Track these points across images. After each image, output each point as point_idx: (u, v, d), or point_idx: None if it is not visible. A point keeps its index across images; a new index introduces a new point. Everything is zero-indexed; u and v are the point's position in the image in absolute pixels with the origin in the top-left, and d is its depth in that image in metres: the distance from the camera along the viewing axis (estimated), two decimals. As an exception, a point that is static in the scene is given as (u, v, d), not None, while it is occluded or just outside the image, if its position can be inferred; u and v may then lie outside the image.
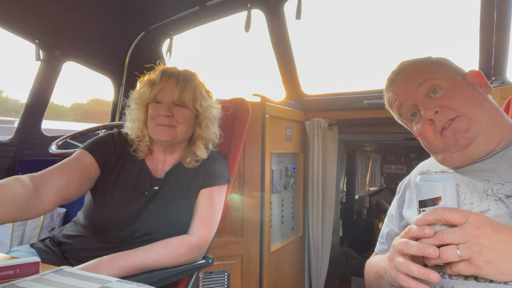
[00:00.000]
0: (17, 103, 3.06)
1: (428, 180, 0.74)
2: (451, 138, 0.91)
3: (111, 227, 1.27)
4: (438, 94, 0.93)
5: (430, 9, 3.56)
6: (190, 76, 1.39)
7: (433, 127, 0.94)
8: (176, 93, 1.33)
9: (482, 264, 0.66)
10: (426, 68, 0.99)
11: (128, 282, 0.69)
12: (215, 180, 1.38)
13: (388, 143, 4.28)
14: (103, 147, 1.37)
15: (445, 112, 0.91)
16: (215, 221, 1.34)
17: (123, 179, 1.35)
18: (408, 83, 0.98)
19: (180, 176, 1.38)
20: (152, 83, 1.36)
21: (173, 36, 2.67)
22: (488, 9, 1.82)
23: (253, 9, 2.35)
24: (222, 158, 1.49)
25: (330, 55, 4.95)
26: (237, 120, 1.66)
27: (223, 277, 1.90)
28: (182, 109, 1.35)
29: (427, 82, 0.95)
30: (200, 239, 1.26)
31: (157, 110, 1.34)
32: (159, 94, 1.34)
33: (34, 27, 2.12)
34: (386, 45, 5.80)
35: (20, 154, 2.30)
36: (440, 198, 0.72)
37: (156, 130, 1.34)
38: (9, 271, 0.68)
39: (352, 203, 3.75)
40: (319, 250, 2.42)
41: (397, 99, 1.01)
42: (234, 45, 4.94)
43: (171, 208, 1.31)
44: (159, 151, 1.42)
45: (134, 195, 1.32)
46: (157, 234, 1.25)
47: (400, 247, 0.75)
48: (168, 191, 1.34)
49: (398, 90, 1.01)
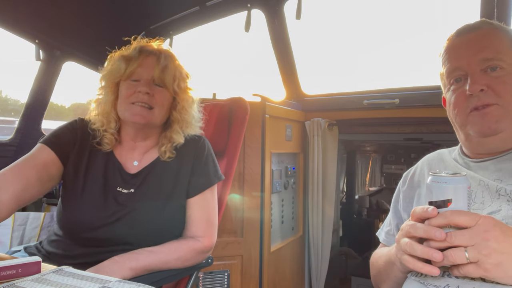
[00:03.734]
0: (17, 103, 3.06)
1: (440, 181, 0.73)
2: (476, 121, 0.89)
3: (84, 230, 1.15)
4: (496, 74, 0.89)
5: (430, 9, 3.56)
6: (171, 56, 1.28)
7: (468, 102, 0.90)
8: (157, 71, 1.21)
9: (490, 267, 0.66)
10: (501, 45, 0.91)
11: (128, 282, 0.69)
12: (207, 181, 1.28)
13: (388, 143, 4.28)
14: (63, 138, 1.22)
15: (489, 94, 0.88)
16: (216, 222, 1.31)
17: (91, 174, 1.20)
18: (475, 52, 0.90)
19: (160, 172, 1.25)
20: (128, 59, 1.22)
21: (173, 36, 2.66)
22: (488, 9, 1.82)
23: (253, 9, 2.35)
24: (209, 149, 1.35)
25: (330, 55, 4.95)
26: (235, 120, 1.66)
27: (223, 277, 1.90)
28: (161, 89, 1.23)
29: (492, 61, 0.89)
30: (206, 244, 1.24)
31: (134, 87, 1.20)
32: (137, 70, 1.21)
33: (34, 27, 2.12)
34: (386, 45, 5.80)
35: (20, 154, 2.28)
36: (451, 200, 0.71)
37: (131, 111, 1.19)
38: (10, 271, 0.68)
39: (352, 203, 3.75)
40: (319, 250, 2.41)
41: (454, 60, 0.94)
42: (234, 45, 4.93)
43: (153, 209, 1.19)
44: (128, 137, 1.27)
45: (104, 193, 1.18)
46: (141, 236, 1.16)
47: (407, 229, 0.75)
48: (147, 189, 1.21)
49: (460, 51, 0.93)
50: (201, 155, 1.30)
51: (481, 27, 0.94)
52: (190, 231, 1.25)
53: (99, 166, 1.22)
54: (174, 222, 1.25)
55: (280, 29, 2.39)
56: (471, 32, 0.94)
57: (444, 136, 1.06)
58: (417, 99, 2.17)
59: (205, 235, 1.25)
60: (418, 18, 4.33)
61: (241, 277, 1.96)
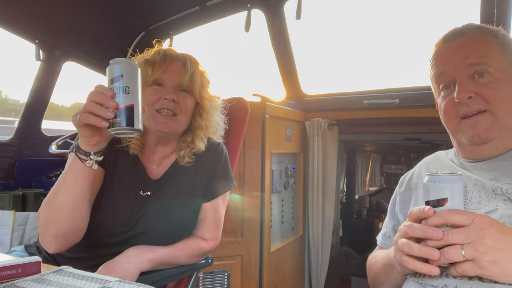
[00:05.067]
0: (17, 103, 3.06)
1: (436, 181, 0.74)
2: (467, 130, 0.89)
3: (106, 234, 1.15)
4: (483, 80, 0.88)
5: (430, 8, 3.56)
6: (196, 62, 1.26)
7: (457, 109, 0.90)
8: (186, 77, 1.19)
9: (487, 265, 0.66)
10: (488, 50, 0.90)
11: (128, 282, 0.69)
12: (223, 188, 1.31)
13: (388, 143, 4.28)
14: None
15: (478, 101, 0.87)
16: (222, 224, 1.35)
17: (117, 178, 1.18)
18: (461, 58, 0.90)
19: (179, 177, 1.25)
20: (152, 63, 1.19)
21: (173, 36, 2.67)
22: (488, 9, 1.82)
23: (253, 9, 2.35)
24: (226, 156, 1.36)
25: (330, 55, 4.95)
26: (235, 120, 1.66)
27: (223, 277, 1.90)
28: (187, 95, 1.21)
29: (479, 66, 0.89)
30: (212, 246, 1.30)
31: (159, 94, 1.16)
32: (163, 76, 1.18)
33: (34, 27, 2.12)
34: (386, 45, 5.80)
35: (20, 154, 2.31)
36: (447, 199, 0.72)
37: (156, 119, 1.16)
38: (10, 271, 0.68)
39: (352, 203, 3.75)
40: (319, 250, 2.42)
41: (440, 65, 0.95)
42: (234, 45, 4.93)
43: (170, 213, 1.21)
44: (150, 142, 1.25)
45: (127, 198, 1.18)
46: (155, 238, 1.17)
47: (405, 230, 0.76)
48: (165, 194, 1.22)
49: (447, 57, 0.94)
50: (219, 162, 1.31)
51: (467, 32, 0.94)
52: (200, 232, 1.29)
53: (125, 170, 1.20)
54: (187, 225, 1.29)
55: (280, 29, 2.39)
56: (457, 38, 0.94)
57: (444, 136, 1.05)
58: (417, 99, 2.17)
59: (213, 238, 1.31)
60: (419, 18, 4.33)
61: (241, 277, 1.96)
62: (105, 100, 0.89)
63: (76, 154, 1.00)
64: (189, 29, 2.65)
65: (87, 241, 1.13)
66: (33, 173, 2.32)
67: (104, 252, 1.13)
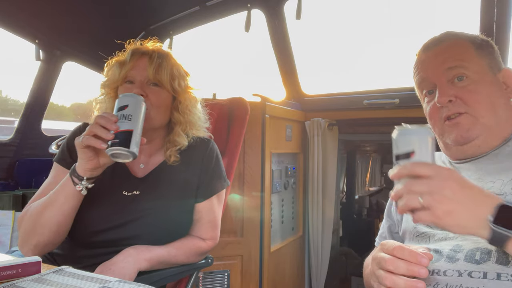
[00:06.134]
0: (17, 103, 3.06)
1: (403, 134, 0.74)
2: (450, 131, 0.94)
3: (90, 234, 1.14)
4: (462, 83, 0.93)
5: (430, 9, 3.57)
6: (166, 54, 1.24)
7: (440, 113, 0.95)
8: (151, 70, 1.18)
9: (441, 214, 0.68)
10: (465, 54, 0.96)
11: (128, 282, 0.69)
12: (216, 187, 1.29)
13: (388, 143, 4.23)
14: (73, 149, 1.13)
15: (457, 104, 0.92)
16: (219, 224, 1.34)
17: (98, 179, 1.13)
18: (439, 63, 0.96)
19: (168, 175, 1.24)
20: (122, 63, 1.21)
21: (173, 36, 2.67)
22: (488, 9, 1.82)
23: (253, 9, 2.35)
24: (218, 155, 1.34)
25: (330, 55, 4.95)
26: (235, 120, 1.66)
27: (223, 277, 1.90)
28: (157, 89, 1.19)
29: (457, 70, 0.94)
30: (210, 246, 1.29)
31: (129, 90, 1.15)
32: (131, 73, 1.19)
33: (34, 27, 2.12)
34: (386, 45, 5.81)
35: (20, 154, 2.31)
36: (414, 152, 0.72)
37: None
38: (10, 271, 0.68)
39: (352, 203, 3.75)
40: (319, 250, 2.42)
41: (421, 72, 1.01)
42: (234, 45, 4.93)
43: (160, 212, 1.19)
44: None
45: (111, 197, 1.17)
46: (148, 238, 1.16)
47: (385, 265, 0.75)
48: (155, 192, 1.21)
49: (427, 64, 1.00)
50: (210, 161, 1.30)
51: (445, 39, 1.00)
52: (197, 232, 1.29)
53: (107, 170, 1.15)
54: (180, 224, 1.27)
55: (280, 29, 2.39)
56: (436, 46, 1.00)
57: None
58: (417, 99, 2.14)
59: (211, 238, 1.30)
60: (419, 18, 4.33)
61: (241, 277, 1.96)
62: (108, 123, 0.98)
63: (70, 176, 1.05)
64: (189, 29, 2.65)
65: (82, 240, 1.15)
66: (33, 173, 2.32)
67: (99, 252, 1.13)
